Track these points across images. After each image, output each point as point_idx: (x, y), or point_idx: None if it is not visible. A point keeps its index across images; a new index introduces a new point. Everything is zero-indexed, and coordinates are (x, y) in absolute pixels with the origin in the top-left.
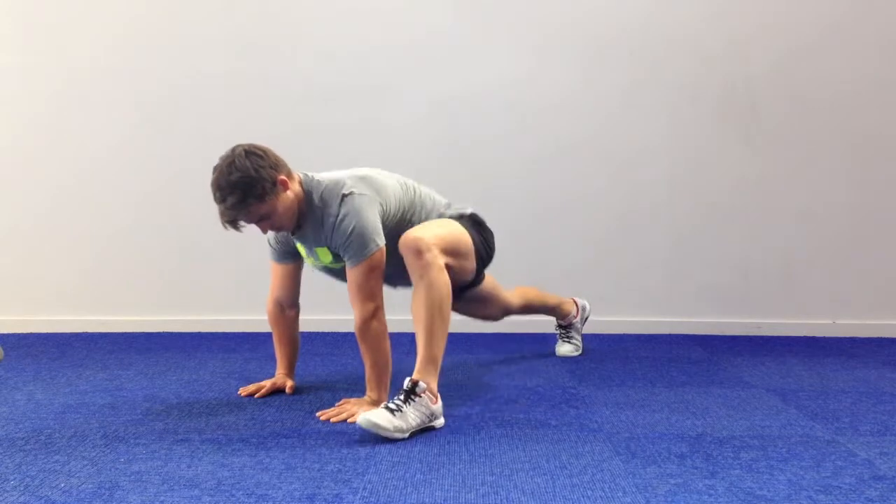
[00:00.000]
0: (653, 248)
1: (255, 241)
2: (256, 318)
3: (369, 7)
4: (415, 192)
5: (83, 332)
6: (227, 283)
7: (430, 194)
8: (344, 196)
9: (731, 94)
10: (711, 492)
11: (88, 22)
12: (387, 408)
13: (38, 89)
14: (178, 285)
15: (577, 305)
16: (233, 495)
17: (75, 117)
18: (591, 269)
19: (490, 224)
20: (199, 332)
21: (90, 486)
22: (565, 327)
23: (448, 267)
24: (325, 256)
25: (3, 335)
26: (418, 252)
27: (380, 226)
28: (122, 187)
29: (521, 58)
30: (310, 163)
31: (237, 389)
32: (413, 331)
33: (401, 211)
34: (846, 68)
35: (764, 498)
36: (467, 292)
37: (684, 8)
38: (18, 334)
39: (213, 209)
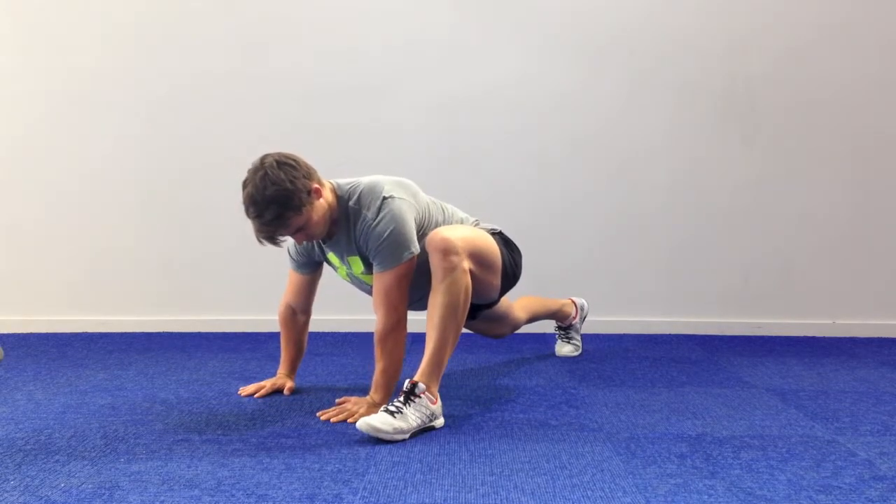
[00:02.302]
0: (653, 248)
1: (256, 242)
2: (256, 318)
3: (369, 7)
4: (443, 209)
5: (83, 332)
6: (228, 283)
7: (457, 212)
8: (385, 199)
9: (732, 95)
10: (711, 492)
11: (89, 22)
12: (386, 410)
13: (38, 90)
14: (178, 285)
15: (575, 306)
16: (233, 495)
17: (75, 118)
18: (592, 269)
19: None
20: (199, 332)
21: (90, 486)
22: (565, 328)
23: (472, 273)
24: (357, 266)
25: (3, 335)
26: (445, 252)
27: (415, 233)
28: (122, 187)
29: (521, 58)
30: (310, 163)
31: (237, 389)
32: (416, 330)
33: (431, 228)
34: (846, 68)
35: (764, 498)
36: (484, 312)
37: (685, 8)
38: (18, 334)
39: (212, 209)
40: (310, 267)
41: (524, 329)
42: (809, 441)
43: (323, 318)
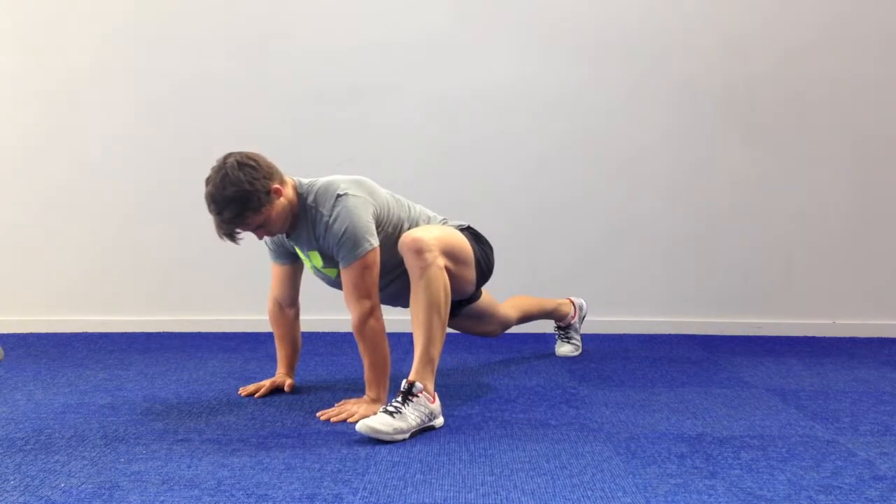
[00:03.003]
0: (653, 248)
1: (255, 241)
2: (256, 318)
3: (368, 7)
4: (409, 207)
5: (83, 332)
6: (227, 283)
7: (425, 210)
8: (338, 196)
9: (732, 94)
10: (711, 492)
11: (86, 22)
12: (386, 411)
13: (36, 89)
14: (178, 285)
15: (574, 305)
16: (233, 495)
17: (74, 117)
18: (591, 269)
19: (489, 224)
20: (199, 332)
21: (90, 486)
22: (564, 328)
23: (447, 270)
24: (317, 260)
25: (3, 335)
26: (418, 251)
27: (373, 227)
28: (121, 187)
29: (519, 57)
30: (309, 163)
31: (237, 389)
32: (404, 330)
33: (392, 224)
34: (847, 67)
35: (764, 498)
36: (465, 308)
37: (684, 7)
38: (18, 334)
39: None
40: (287, 257)
41: (524, 329)
42: (809, 441)
43: (322, 319)
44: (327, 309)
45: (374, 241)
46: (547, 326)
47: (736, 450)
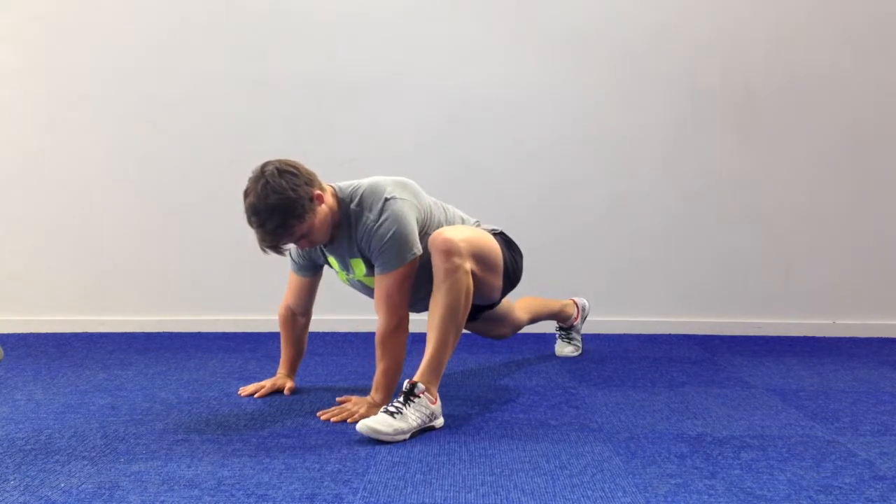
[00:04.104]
0: (652, 248)
1: (252, 240)
2: (256, 318)
3: (369, 6)
4: (445, 209)
5: (83, 332)
6: (228, 282)
7: (458, 212)
8: (387, 200)
9: (732, 92)
10: (711, 492)
11: (92, 23)
12: (386, 411)
13: (37, 90)
14: (178, 285)
15: (577, 306)
16: (233, 495)
17: (75, 118)
18: (591, 269)
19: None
20: (199, 332)
21: (90, 486)
22: (566, 329)
23: (474, 274)
24: (360, 269)
25: (3, 335)
26: (447, 252)
27: (417, 234)
28: (122, 187)
29: (518, 53)
30: (309, 163)
31: (237, 389)
32: (417, 331)
33: (434, 227)
34: (848, 66)
35: (764, 498)
36: (486, 312)
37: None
38: (18, 334)
39: (212, 209)
40: (311, 270)
41: (524, 329)
42: (809, 441)
43: (323, 318)
44: (328, 309)
45: (418, 250)
46: (546, 327)
47: (736, 450)
